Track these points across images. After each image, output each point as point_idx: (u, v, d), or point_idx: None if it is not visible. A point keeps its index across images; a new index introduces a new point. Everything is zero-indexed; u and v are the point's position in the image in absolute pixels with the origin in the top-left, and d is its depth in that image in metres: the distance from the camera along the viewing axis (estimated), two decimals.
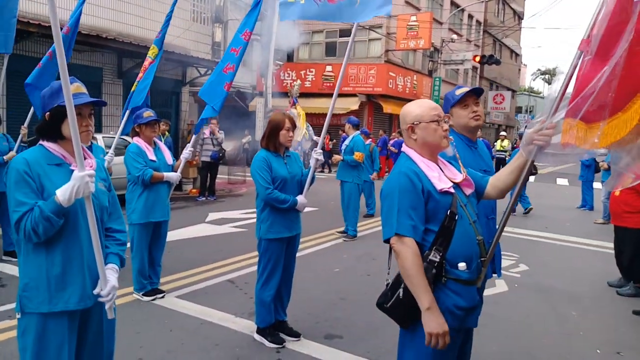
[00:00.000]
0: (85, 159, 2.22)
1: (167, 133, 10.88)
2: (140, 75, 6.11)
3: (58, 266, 2.19)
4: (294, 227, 4.10)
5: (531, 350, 4.20)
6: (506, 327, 4.64)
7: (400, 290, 2.21)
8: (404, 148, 2.41)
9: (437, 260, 2.16)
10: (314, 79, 22.78)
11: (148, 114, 4.95)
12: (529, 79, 68.55)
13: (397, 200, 2.19)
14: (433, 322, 2.09)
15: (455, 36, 28.16)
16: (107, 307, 2.28)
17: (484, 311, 4.93)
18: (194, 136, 5.72)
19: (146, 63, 6.03)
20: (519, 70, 49.87)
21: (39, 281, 2.18)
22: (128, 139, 9.43)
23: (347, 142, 8.39)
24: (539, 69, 66.56)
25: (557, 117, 2.23)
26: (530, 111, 49.78)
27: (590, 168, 11.81)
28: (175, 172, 5.13)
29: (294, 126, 4.07)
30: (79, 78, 2.27)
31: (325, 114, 6.77)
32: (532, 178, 20.45)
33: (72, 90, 2.13)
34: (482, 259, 2.31)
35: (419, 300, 2.12)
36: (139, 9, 13.32)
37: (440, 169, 2.35)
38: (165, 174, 4.98)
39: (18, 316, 2.22)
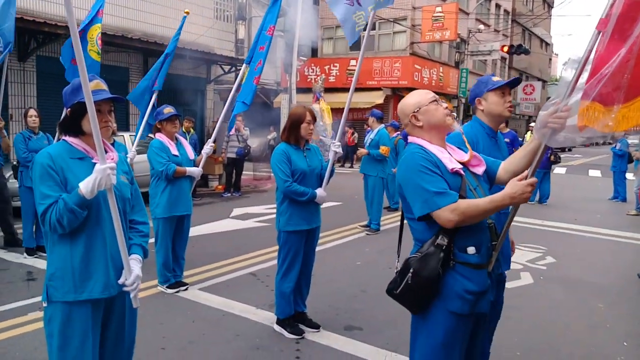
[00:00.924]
0: (106, 152, 2.28)
1: (192, 130, 11.02)
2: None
3: (82, 256, 2.26)
4: (314, 220, 4.12)
5: (554, 342, 4.13)
6: (529, 320, 4.58)
7: (409, 276, 2.20)
8: (411, 139, 2.40)
9: (445, 244, 2.16)
10: (338, 73, 22.76)
11: (168, 110, 5.04)
12: (561, 69, 67.01)
13: (418, 176, 2.18)
14: (517, 191, 2.09)
15: (482, 26, 27.67)
16: (132, 295, 2.35)
17: (507, 303, 4.89)
18: (215, 131, 5.79)
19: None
20: (550, 59, 48.73)
21: (65, 271, 2.25)
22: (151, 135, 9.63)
23: (372, 135, 8.28)
24: (570, 58, 64.80)
25: (572, 99, 2.15)
26: None
27: (623, 158, 11.50)
28: (197, 166, 5.21)
29: (314, 119, 4.09)
30: (106, 78, 2.34)
31: (352, 108, 6.82)
32: (562, 169, 20.03)
33: (92, 87, 2.20)
34: (493, 242, 2.29)
35: (501, 204, 2.11)
36: (163, 8, 13.51)
37: (449, 152, 2.34)
38: (188, 168, 5.07)
39: (44, 305, 2.30)
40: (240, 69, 16.76)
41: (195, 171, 5.15)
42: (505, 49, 24.87)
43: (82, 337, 2.26)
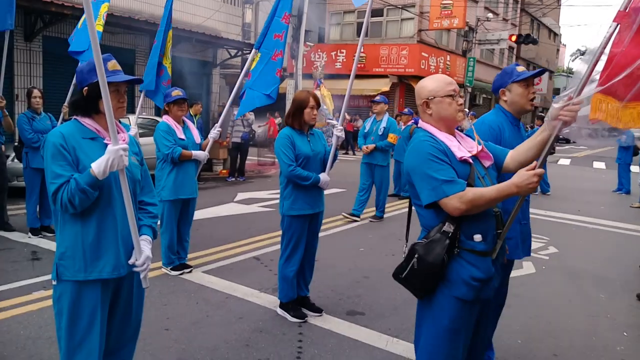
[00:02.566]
0: (118, 132, 2.28)
1: (198, 115, 11.02)
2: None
3: (93, 236, 2.27)
4: (317, 205, 4.13)
5: (554, 331, 4.15)
6: (530, 308, 4.60)
7: (414, 261, 2.22)
8: (420, 123, 2.41)
9: (451, 231, 2.18)
10: (344, 60, 22.64)
11: (176, 92, 5.04)
12: (568, 60, 66.36)
13: (427, 164, 2.19)
14: (525, 181, 2.10)
15: (491, 15, 27.40)
16: (142, 276, 2.37)
17: (509, 292, 4.92)
18: (221, 117, 5.79)
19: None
20: (558, 50, 48.27)
21: (75, 250, 2.26)
22: (157, 118, 9.61)
23: (384, 124, 7.97)
24: (578, 49, 64.18)
25: (585, 93, 2.14)
26: None
27: (629, 150, 11.45)
28: (203, 150, 5.21)
29: (317, 104, 4.08)
30: (112, 55, 2.32)
31: (357, 95, 6.82)
32: (566, 161, 19.96)
33: (110, 67, 2.22)
34: (499, 230, 2.30)
35: (508, 193, 2.14)
36: None
37: (458, 141, 2.34)
38: (194, 152, 5.07)
39: (54, 283, 2.31)
40: (247, 54, 16.72)
41: (201, 155, 5.16)
42: (514, 38, 24.66)
43: (90, 316, 2.28)
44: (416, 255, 2.22)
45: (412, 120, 10.31)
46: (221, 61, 15.33)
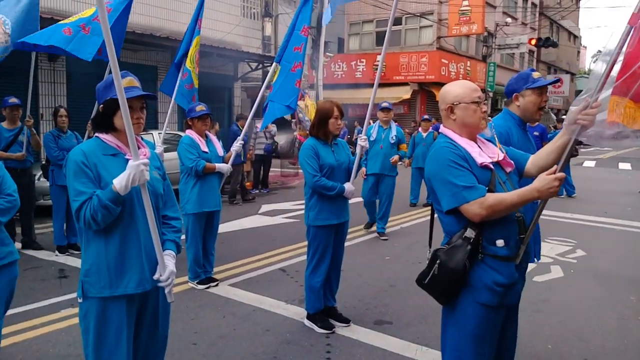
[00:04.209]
0: (139, 148, 2.31)
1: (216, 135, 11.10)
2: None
3: (117, 252, 2.29)
4: (342, 215, 4.13)
5: (585, 335, 4.06)
6: (560, 312, 4.51)
7: (436, 267, 2.22)
8: (442, 129, 2.41)
9: (473, 236, 2.17)
10: (365, 69, 22.69)
11: (200, 107, 5.10)
12: (590, 61, 65.29)
13: (447, 170, 2.20)
14: (545, 186, 2.10)
15: (509, 19, 27.22)
16: (166, 291, 2.38)
17: (538, 297, 4.85)
18: (244, 130, 5.83)
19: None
20: (578, 52, 47.57)
21: (100, 267, 2.28)
22: (180, 133, 9.74)
23: (394, 132, 7.35)
24: (599, 51, 63.17)
25: (602, 95, 2.13)
26: None
27: None
28: (226, 163, 5.26)
29: (342, 114, 4.09)
30: (133, 76, 2.35)
31: (377, 104, 6.75)
32: (591, 162, 19.57)
33: (125, 83, 2.24)
34: (522, 235, 2.28)
35: (529, 198, 2.13)
36: (190, 7, 13.60)
37: (479, 147, 2.33)
38: (217, 165, 5.12)
39: (80, 300, 2.33)
40: (267, 66, 16.89)
41: (225, 167, 5.20)
42: (533, 42, 24.42)
43: (117, 332, 2.29)
44: (438, 261, 2.22)
45: (432, 127, 10.23)
46: (242, 74, 15.50)
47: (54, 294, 4.85)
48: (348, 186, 4.06)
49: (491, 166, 2.25)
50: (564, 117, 18.03)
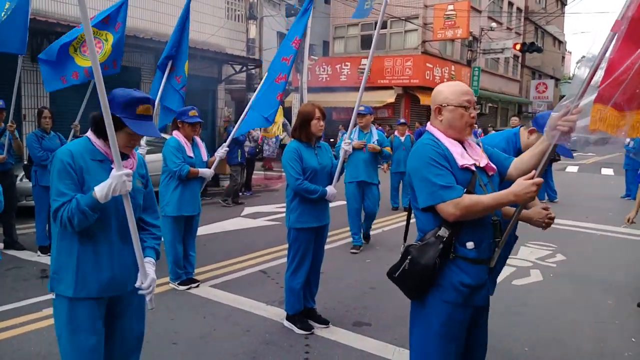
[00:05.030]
0: (128, 157, 2.35)
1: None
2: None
3: (86, 256, 2.32)
4: (323, 218, 4.17)
5: (562, 338, 4.14)
6: (538, 315, 4.59)
7: (407, 262, 2.28)
8: (429, 127, 2.42)
9: (446, 236, 2.21)
10: (349, 72, 22.76)
11: (193, 113, 5.05)
12: (574, 67, 66.31)
13: (427, 168, 2.22)
14: (522, 190, 2.13)
15: (494, 24, 27.50)
16: (147, 299, 2.42)
17: (516, 300, 4.93)
18: (229, 136, 5.82)
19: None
20: (563, 57, 48.25)
21: (67, 268, 2.32)
22: (165, 135, 9.70)
23: (375, 137, 6.90)
24: (583, 56, 64.01)
25: (584, 101, 2.14)
26: None
27: (637, 156, 11.39)
28: (210, 168, 5.26)
29: (324, 116, 4.11)
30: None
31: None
32: (574, 168, 19.86)
33: (138, 111, 2.26)
34: (497, 239, 2.32)
35: (506, 201, 2.17)
36: (174, 8, 13.57)
37: (465, 148, 2.36)
38: (200, 170, 5.12)
39: (52, 296, 2.38)
40: (251, 69, 16.76)
41: (207, 172, 5.20)
42: (518, 47, 24.73)
43: (86, 329, 2.33)
44: (409, 257, 2.27)
45: (415, 133, 10.37)
46: (226, 77, 15.47)
47: (36, 293, 4.83)
48: (330, 189, 4.10)
49: (472, 168, 2.28)
50: None
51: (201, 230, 7.57)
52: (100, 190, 2.18)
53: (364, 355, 3.73)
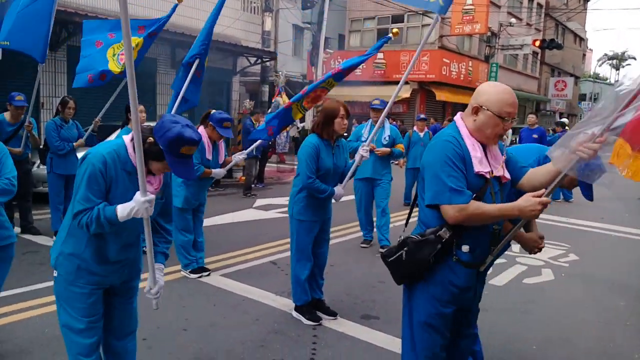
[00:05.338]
0: (155, 174, 2.38)
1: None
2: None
3: (91, 255, 2.40)
4: (325, 212, 4.22)
5: (571, 337, 4.12)
6: (548, 315, 4.57)
7: (403, 253, 2.33)
8: (458, 119, 2.38)
9: (446, 237, 2.25)
10: (364, 66, 22.62)
11: (227, 125, 4.97)
12: (595, 65, 65.33)
13: (442, 167, 2.21)
14: (528, 206, 2.12)
15: (514, 20, 27.18)
16: (153, 303, 2.56)
17: (527, 298, 4.91)
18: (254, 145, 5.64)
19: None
20: (584, 55, 47.54)
21: (71, 259, 2.40)
22: None
23: (388, 132, 6.59)
24: (605, 54, 63.11)
25: (612, 132, 2.03)
26: (595, 98, 47.46)
27: None
28: (223, 168, 5.26)
29: (348, 114, 4.06)
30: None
31: (370, 102, 6.65)
32: None
33: (184, 151, 2.21)
34: (492, 247, 2.37)
35: (510, 214, 2.18)
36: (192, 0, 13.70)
37: (486, 153, 2.32)
38: (214, 170, 5.11)
39: (55, 275, 2.47)
40: (266, 61, 16.79)
41: (220, 173, 5.20)
42: (537, 43, 24.39)
43: (85, 308, 2.42)
44: (405, 249, 2.32)
45: (430, 128, 10.29)
46: (241, 69, 15.52)
47: (51, 277, 4.83)
48: (338, 190, 4.13)
49: (487, 175, 2.26)
50: (563, 119, 17.84)
51: (213, 221, 7.70)
52: (122, 211, 2.22)
53: (371, 348, 3.76)
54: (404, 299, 2.51)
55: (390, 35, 4.62)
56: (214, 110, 5.07)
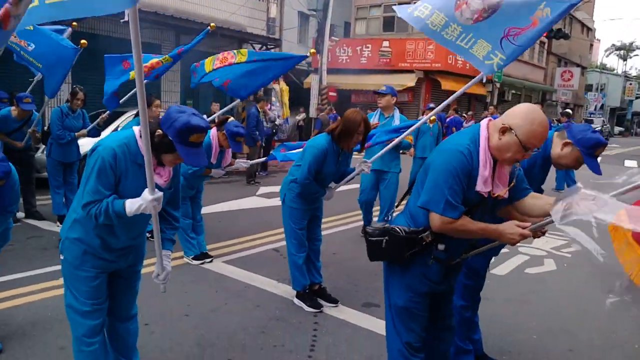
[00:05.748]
0: (164, 166, 2.40)
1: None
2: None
3: (99, 244, 2.42)
4: (316, 201, 4.28)
5: (572, 328, 4.12)
6: (548, 305, 4.57)
7: (384, 240, 2.37)
8: (483, 127, 2.30)
9: (427, 241, 2.31)
10: (370, 54, 22.53)
11: (239, 139, 4.92)
12: (602, 55, 64.73)
13: (446, 177, 2.20)
14: (509, 233, 2.21)
15: None
16: (161, 288, 2.63)
17: (528, 288, 4.91)
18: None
19: (154, 62, 5.63)
20: (591, 45, 47.10)
21: (77, 245, 2.42)
22: None
23: (396, 120, 6.22)
24: (613, 44, 62.46)
25: (608, 211, 2.13)
26: (601, 89, 47.11)
27: None
28: (223, 169, 5.24)
29: (367, 130, 3.95)
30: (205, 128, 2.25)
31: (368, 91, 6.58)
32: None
33: (192, 139, 2.21)
34: (465, 253, 2.46)
35: (490, 235, 2.26)
36: None
37: (493, 172, 2.29)
38: (213, 170, 5.09)
39: (61, 257, 2.50)
40: (271, 48, 16.70)
41: (219, 173, 5.19)
42: (544, 33, 24.12)
43: (90, 291, 2.47)
44: (387, 238, 2.36)
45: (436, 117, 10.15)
46: None
47: (54, 262, 4.92)
48: (329, 193, 4.18)
49: (485, 196, 2.27)
50: (567, 110, 17.75)
51: (216, 208, 7.72)
52: (130, 207, 2.25)
53: (372, 335, 3.77)
54: (384, 281, 2.60)
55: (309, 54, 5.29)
56: (231, 119, 4.98)
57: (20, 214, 6.48)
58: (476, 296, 3.30)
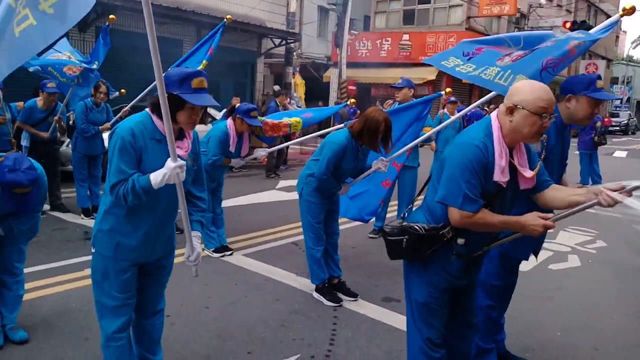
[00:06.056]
0: (184, 138, 2.44)
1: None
2: None
3: (131, 230, 2.45)
4: (333, 195, 4.27)
5: (597, 325, 4.05)
6: (572, 301, 4.49)
7: (404, 239, 2.34)
8: (493, 118, 2.29)
9: (448, 237, 2.28)
10: (390, 48, 22.37)
11: (254, 114, 4.96)
12: (629, 47, 63.28)
13: (463, 171, 2.18)
14: (531, 224, 2.17)
15: (544, 1, 26.43)
16: (193, 270, 2.66)
17: (552, 284, 4.83)
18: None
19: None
20: (617, 37, 46.05)
21: (110, 235, 2.45)
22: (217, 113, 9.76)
23: None
24: None
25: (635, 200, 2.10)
26: (628, 82, 46.03)
27: None
28: (242, 158, 5.25)
29: (388, 131, 3.89)
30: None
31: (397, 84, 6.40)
32: (622, 153, 19.11)
33: (194, 84, 2.29)
34: (486, 246, 2.41)
35: (512, 228, 2.24)
36: None
37: (512, 157, 2.27)
38: (233, 160, 5.10)
39: (93, 250, 2.52)
40: (291, 43, 16.74)
41: (238, 163, 5.21)
42: (568, 25, 23.59)
43: (119, 284, 2.49)
44: (407, 237, 2.33)
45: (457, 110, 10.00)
46: (266, 50, 15.48)
47: (78, 254, 5.03)
48: (344, 188, 4.19)
49: (504, 186, 2.24)
50: None
51: (236, 202, 7.76)
52: (154, 178, 2.27)
53: (391, 330, 3.75)
54: (404, 277, 2.57)
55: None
56: (238, 103, 5.06)
57: (46, 206, 6.59)
58: (506, 295, 3.19)
